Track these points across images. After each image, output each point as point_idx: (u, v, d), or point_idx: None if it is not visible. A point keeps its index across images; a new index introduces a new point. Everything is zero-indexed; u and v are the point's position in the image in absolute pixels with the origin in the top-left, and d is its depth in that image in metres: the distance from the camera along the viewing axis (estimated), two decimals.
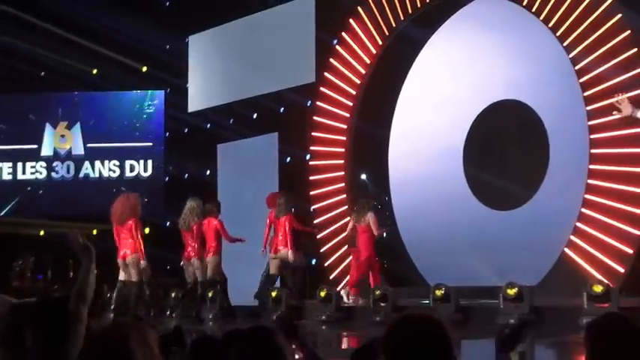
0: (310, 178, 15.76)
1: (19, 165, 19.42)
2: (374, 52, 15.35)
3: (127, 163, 19.35)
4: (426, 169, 14.79)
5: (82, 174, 19.40)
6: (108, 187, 18.35)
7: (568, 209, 12.66)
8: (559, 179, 13.22)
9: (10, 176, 19.41)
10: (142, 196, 13.45)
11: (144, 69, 18.68)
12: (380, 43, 15.27)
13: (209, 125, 18.20)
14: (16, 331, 3.87)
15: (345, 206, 15.11)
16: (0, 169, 19.43)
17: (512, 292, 10.98)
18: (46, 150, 19.46)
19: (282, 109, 16.73)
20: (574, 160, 12.88)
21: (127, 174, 19.30)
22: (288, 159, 16.48)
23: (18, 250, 16.44)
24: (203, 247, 13.14)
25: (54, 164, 19.44)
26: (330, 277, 14.65)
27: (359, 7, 15.41)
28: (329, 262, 14.97)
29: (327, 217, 15.32)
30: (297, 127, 16.06)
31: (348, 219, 13.89)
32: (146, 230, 13.69)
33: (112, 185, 18.56)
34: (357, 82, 15.50)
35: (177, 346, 4.81)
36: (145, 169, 19.34)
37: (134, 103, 19.67)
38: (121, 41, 17.73)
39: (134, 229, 12.28)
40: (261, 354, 3.40)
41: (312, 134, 15.93)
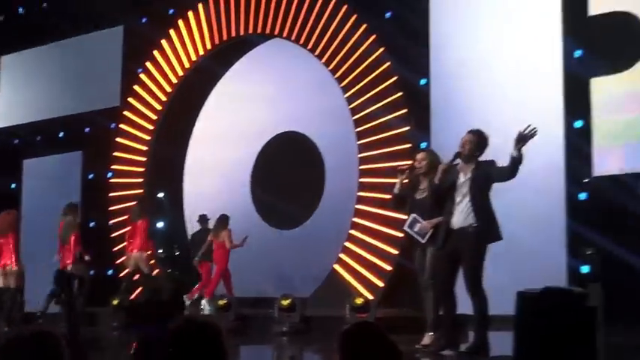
0: (110, 194, 15.90)
1: None
2: (174, 81, 15.68)
3: None
4: (217, 189, 15.24)
5: None
6: None
7: (339, 230, 13.23)
8: (332, 202, 13.92)
9: None
10: None
11: None
12: (180, 74, 15.64)
13: (17, 141, 18.00)
14: None
15: None
16: None
17: (285, 302, 11.60)
18: None
19: (88, 129, 16.73)
20: (346, 187, 13.45)
21: None
22: (90, 176, 16.54)
23: None
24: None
25: None
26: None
27: (163, 41, 15.79)
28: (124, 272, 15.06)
29: (125, 231, 15.43)
30: (101, 147, 16.12)
31: None
32: None
33: None
34: (158, 108, 15.78)
35: None
36: None
37: None
38: None
39: (14, 242, 12.66)
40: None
41: (115, 154, 16.06)
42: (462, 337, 8.33)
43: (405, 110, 12.61)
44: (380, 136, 12.77)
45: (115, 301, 12.83)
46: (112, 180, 16.13)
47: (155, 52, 15.91)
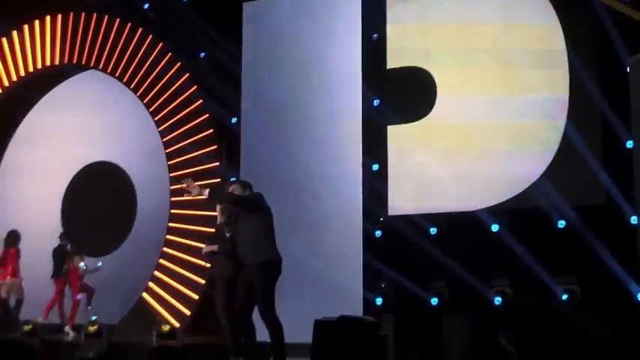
0: None
1: None
2: None
3: None
4: (24, 219, 14.61)
5: None
6: None
7: (149, 258, 13.17)
8: (143, 232, 13.81)
9: None
10: None
11: None
12: None
13: None
14: None
15: None
16: None
17: (93, 328, 11.47)
18: None
19: None
20: (157, 217, 13.40)
21: None
22: None
23: None
24: None
25: None
26: None
27: None
28: None
29: None
30: None
31: None
32: None
33: None
34: None
35: None
36: None
37: None
38: None
39: None
40: None
41: None
42: None
43: (216, 147, 12.79)
44: (191, 170, 12.83)
45: None
46: None
47: None
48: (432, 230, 10.99)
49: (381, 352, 8.33)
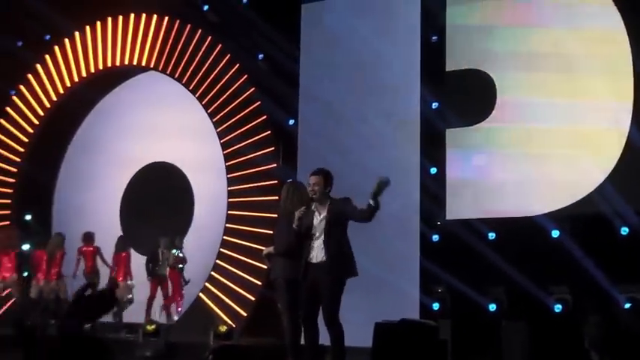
0: None
1: None
2: (48, 105, 15.08)
3: None
4: (87, 213, 14.66)
5: None
6: None
7: (206, 259, 13.01)
8: (200, 232, 13.61)
9: None
10: None
11: None
12: (54, 98, 15.06)
13: None
14: None
15: None
16: None
17: (150, 328, 11.33)
18: None
19: None
20: (215, 218, 13.24)
21: None
22: None
23: None
24: None
25: None
26: None
27: (38, 65, 15.17)
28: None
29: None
30: None
31: None
32: None
33: None
34: (30, 131, 15.13)
35: None
36: None
37: None
38: None
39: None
40: None
41: None
42: None
43: (273, 148, 12.54)
44: (248, 171, 12.65)
45: None
46: None
47: (29, 76, 15.25)
48: (491, 235, 10.53)
49: (441, 356, 8.06)
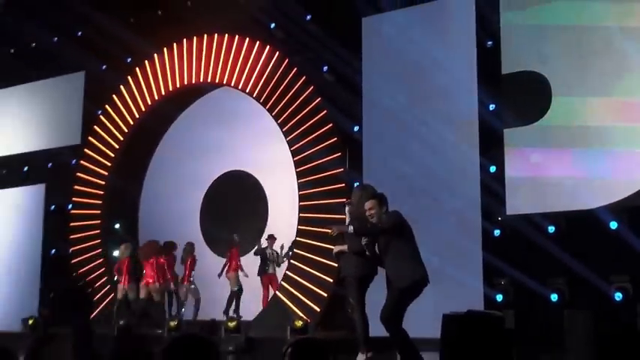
0: (71, 224, 15.65)
1: None
2: (131, 123, 15.53)
3: None
4: (171, 221, 15.01)
5: None
6: None
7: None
8: (274, 234, 13.71)
9: None
10: None
11: None
12: (137, 116, 15.50)
13: None
14: None
15: (100, 249, 15.21)
16: None
17: (232, 325, 11.62)
18: None
19: (50, 164, 16.48)
20: (287, 220, 13.50)
21: None
22: (52, 207, 16.24)
23: None
24: None
25: None
26: None
27: (122, 86, 15.65)
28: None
29: (84, 257, 15.30)
30: (63, 180, 15.88)
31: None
32: None
33: None
34: (116, 147, 15.61)
35: None
36: None
37: None
38: None
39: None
40: None
41: (75, 187, 15.79)
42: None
43: (340, 153, 12.69)
44: (317, 176, 12.85)
45: None
46: (72, 211, 15.81)
47: (114, 96, 15.75)
48: (551, 229, 10.53)
49: (507, 345, 8.08)
